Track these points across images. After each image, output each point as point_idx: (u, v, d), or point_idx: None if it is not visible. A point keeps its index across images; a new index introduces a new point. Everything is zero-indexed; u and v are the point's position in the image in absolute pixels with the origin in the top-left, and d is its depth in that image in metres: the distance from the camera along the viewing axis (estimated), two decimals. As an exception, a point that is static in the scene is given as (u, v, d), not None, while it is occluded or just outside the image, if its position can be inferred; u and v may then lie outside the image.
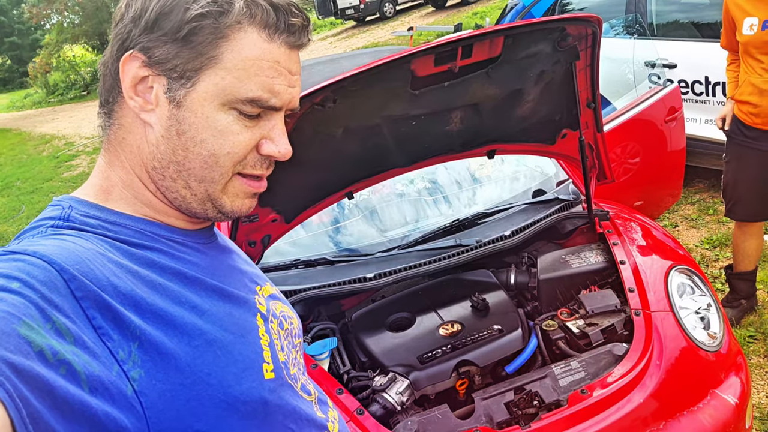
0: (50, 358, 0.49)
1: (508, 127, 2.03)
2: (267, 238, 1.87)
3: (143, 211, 0.72)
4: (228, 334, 0.69)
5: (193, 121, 0.67)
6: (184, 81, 0.66)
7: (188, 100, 0.67)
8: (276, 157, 0.72)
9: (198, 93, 0.67)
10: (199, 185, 0.70)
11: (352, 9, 18.21)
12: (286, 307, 0.89)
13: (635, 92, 4.04)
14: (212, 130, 0.68)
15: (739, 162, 2.69)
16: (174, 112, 0.67)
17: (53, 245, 0.59)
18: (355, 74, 1.49)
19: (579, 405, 1.55)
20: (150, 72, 0.67)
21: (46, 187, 9.60)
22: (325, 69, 3.01)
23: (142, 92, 0.68)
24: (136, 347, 0.58)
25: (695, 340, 1.78)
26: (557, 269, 2.07)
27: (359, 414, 1.57)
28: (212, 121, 0.67)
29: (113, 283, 0.60)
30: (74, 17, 26.29)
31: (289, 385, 0.76)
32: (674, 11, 4.23)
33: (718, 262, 3.52)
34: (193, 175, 0.69)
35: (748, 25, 2.43)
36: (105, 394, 0.53)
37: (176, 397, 0.61)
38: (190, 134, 0.67)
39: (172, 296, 0.65)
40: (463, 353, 1.78)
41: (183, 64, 0.66)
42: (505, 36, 1.62)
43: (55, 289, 0.54)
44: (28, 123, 19.28)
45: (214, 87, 0.67)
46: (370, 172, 1.93)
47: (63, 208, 0.67)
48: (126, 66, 0.67)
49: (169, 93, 0.67)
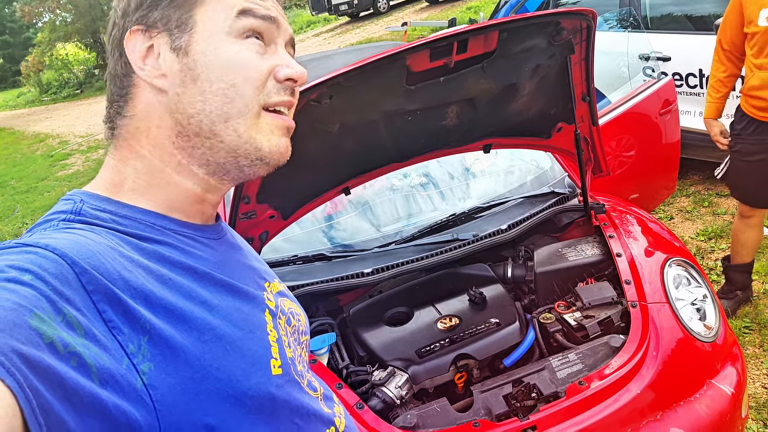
0: (61, 350, 0.49)
1: (504, 121, 2.03)
2: (265, 234, 1.88)
3: (155, 201, 0.72)
4: (236, 330, 0.69)
5: (204, 61, 0.69)
6: (182, 27, 0.69)
7: (193, 43, 0.69)
8: (295, 79, 0.73)
9: (199, 32, 0.69)
10: (226, 127, 0.69)
11: (346, 5, 18.16)
12: (294, 304, 0.89)
13: (629, 85, 4.05)
14: (224, 62, 0.69)
15: (745, 155, 2.66)
16: (184, 61, 0.69)
17: (65, 239, 0.59)
18: (350, 70, 1.49)
19: (577, 396, 1.56)
20: (151, 36, 0.70)
21: (41, 186, 9.57)
22: (320, 65, 3.01)
23: (151, 63, 0.70)
24: (146, 341, 0.59)
25: (691, 331, 1.79)
26: (554, 262, 2.08)
27: (359, 408, 1.58)
28: (222, 53, 0.69)
29: (124, 276, 0.60)
30: (66, 15, 26.09)
31: (295, 381, 0.76)
32: (668, 4, 4.24)
33: (713, 253, 3.54)
34: (217, 117, 0.69)
35: (765, 16, 2.40)
36: (115, 386, 0.53)
37: (186, 391, 0.61)
38: (204, 75, 0.69)
39: (182, 291, 0.66)
40: (462, 347, 1.79)
41: (176, 12, 0.69)
42: (500, 30, 1.63)
43: (66, 282, 0.54)
44: (22, 122, 19.19)
45: (210, 21, 0.70)
46: (366, 167, 1.93)
47: (75, 202, 0.68)
48: (129, 43, 0.70)
49: (174, 44, 0.69)
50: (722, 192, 4.14)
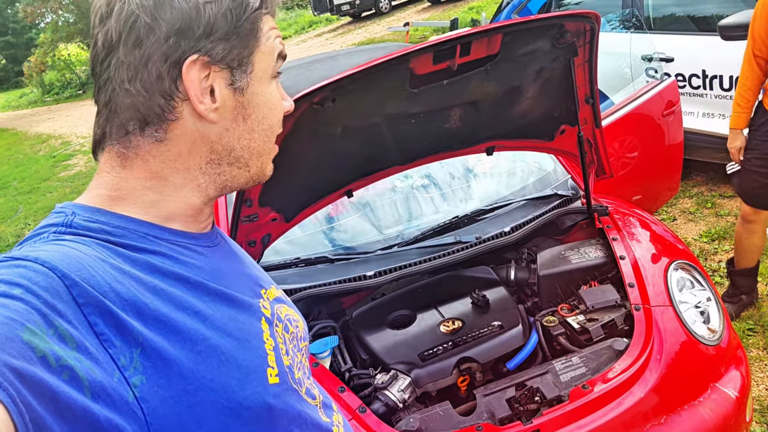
0: (53, 364, 0.49)
1: (507, 124, 2.03)
2: (267, 237, 1.87)
3: (156, 213, 0.71)
4: (231, 340, 0.68)
5: (257, 102, 0.73)
6: (244, 67, 0.71)
7: (251, 84, 0.72)
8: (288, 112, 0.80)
9: (256, 74, 0.73)
10: (258, 161, 0.76)
11: (348, 5, 18.16)
12: (291, 310, 0.89)
13: (632, 86, 4.04)
14: (270, 104, 0.75)
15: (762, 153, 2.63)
16: (240, 100, 0.72)
17: (55, 251, 0.59)
18: (354, 73, 1.49)
19: (580, 400, 1.56)
20: (212, 70, 0.69)
21: (43, 186, 9.58)
22: (323, 67, 3.00)
23: (207, 96, 0.70)
24: (138, 353, 0.58)
25: (695, 334, 1.79)
26: (557, 265, 2.07)
27: (361, 412, 1.57)
28: (269, 95, 0.75)
29: (115, 289, 0.60)
30: (69, 16, 26.13)
31: (293, 389, 0.76)
32: (671, 5, 4.23)
33: (716, 255, 3.54)
34: (255, 153, 0.75)
35: None
36: (107, 400, 0.53)
37: (178, 404, 0.60)
38: (255, 115, 0.73)
39: (174, 302, 0.65)
40: (464, 350, 1.78)
41: (241, 51, 0.71)
42: (503, 33, 1.62)
43: (57, 295, 0.54)
44: (24, 122, 19.23)
45: (262, 63, 0.73)
46: (369, 170, 1.93)
47: (66, 214, 0.67)
48: (189, 74, 0.67)
49: (235, 83, 0.71)
50: (725, 193, 4.13)
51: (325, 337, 1.84)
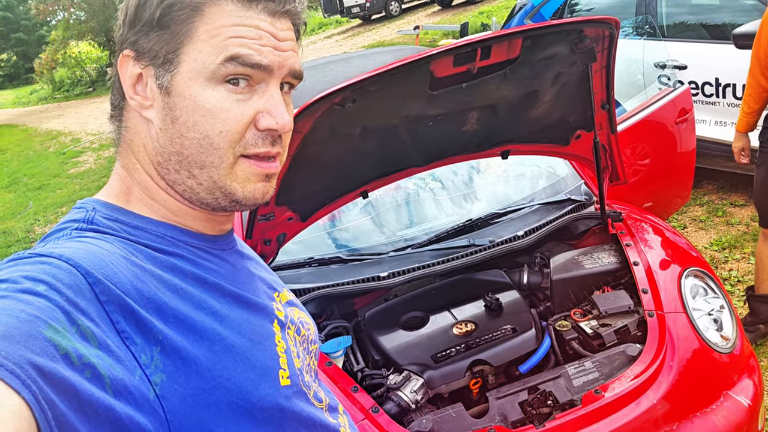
0: (75, 362, 0.49)
1: (524, 127, 2.03)
2: (282, 236, 1.89)
3: (162, 214, 0.72)
4: (245, 341, 0.69)
5: (183, 105, 0.66)
6: (167, 65, 0.66)
7: (175, 84, 0.66)
8: (276, 130, 0.68)
9: (182, 74, 0.65)
10: (201, 172, 0.68)
11: (358, 7, 18.21)
12: (303, 314, 0.89)
13: (645, 93, 4.04)
14: (201, 110, 0.65)
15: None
16: (166, 101, 0.66)
17: (78, 248, 0.59)
18: (375, 74, 1.50)
19: (593, 405, 1.56)
20: (140, 66, 0.67)
21: (53, 183, 9.63)
22: (337, 68, 3.01)
23: (141, 90, 0.68)
24: (158, 351, 0.59)
25: (708, 341, 1.79)
26: (570, 270, 2.08)
27: (374, 412, 1.58)
28: (201, 101, 0.65)
29: (136, 287, 0.60)
30: (80, 14, 26.25)
31: (303, 392, 0.76)
32: (684, 13, 4.23)
33: (727, 264, 3.53)
34: (193, 162, 0.67)
35: None
36: (128, 397, 0.53)
37: (197, 402, 0.61)
38: (182, 119, 0.66)
39: (193, 301, 0.66)
40: (477, 353, 1.79)
41: (163, 48, 0.65)
42: (523, 38, 1.63)
43: (80, 292, 0.54)
44: (34, 119, 19.34)
45: (194, 63, 0.65)
46: (385, 171, 1.94)
47: (87, 210, 0.68)
48: (122, 67, 0.68)
49: (158, 81, 0.66)
50: (736, 202, 4.12)
51: (338, 337, 1.84)
